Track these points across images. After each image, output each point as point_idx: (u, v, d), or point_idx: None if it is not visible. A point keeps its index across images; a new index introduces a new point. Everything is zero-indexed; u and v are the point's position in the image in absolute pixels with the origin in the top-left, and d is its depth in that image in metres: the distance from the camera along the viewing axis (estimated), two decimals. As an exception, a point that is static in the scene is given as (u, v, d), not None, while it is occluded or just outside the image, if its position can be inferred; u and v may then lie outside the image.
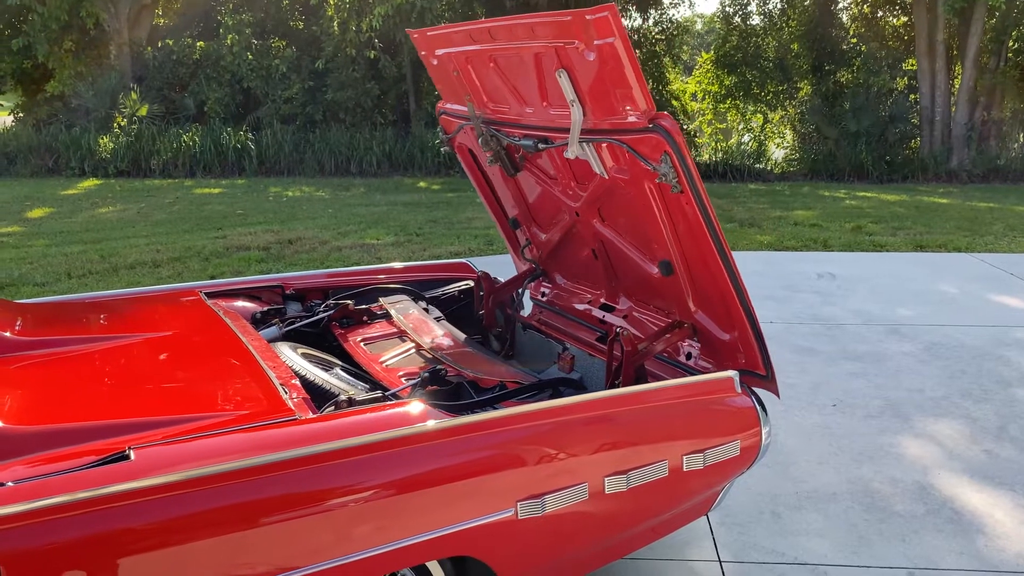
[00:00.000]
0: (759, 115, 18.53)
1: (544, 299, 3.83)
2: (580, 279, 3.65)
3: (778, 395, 2.79)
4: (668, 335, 2.96)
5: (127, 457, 1.89)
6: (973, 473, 3.66)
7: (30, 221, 10.06)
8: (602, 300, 3.47)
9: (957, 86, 15.85)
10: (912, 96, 16.65)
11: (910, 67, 16.85)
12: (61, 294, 5.47)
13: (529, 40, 2.58)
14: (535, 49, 2.58)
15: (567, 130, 2.67)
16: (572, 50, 2.43)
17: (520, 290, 3.88)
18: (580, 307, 3.59)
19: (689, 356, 2.98)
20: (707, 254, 2.60)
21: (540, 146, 2.88)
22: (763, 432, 2.63)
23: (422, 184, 13.88)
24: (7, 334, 2.59)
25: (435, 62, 3.21)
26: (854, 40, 17.67)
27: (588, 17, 2.28)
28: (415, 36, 3.16)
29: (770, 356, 2.71)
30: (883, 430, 4.08)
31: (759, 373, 2.74)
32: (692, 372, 2.95)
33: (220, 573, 1.84)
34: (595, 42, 2.32)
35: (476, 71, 3.03)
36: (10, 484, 1.78)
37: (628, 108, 2.44)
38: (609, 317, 3.39)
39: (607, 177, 2.79)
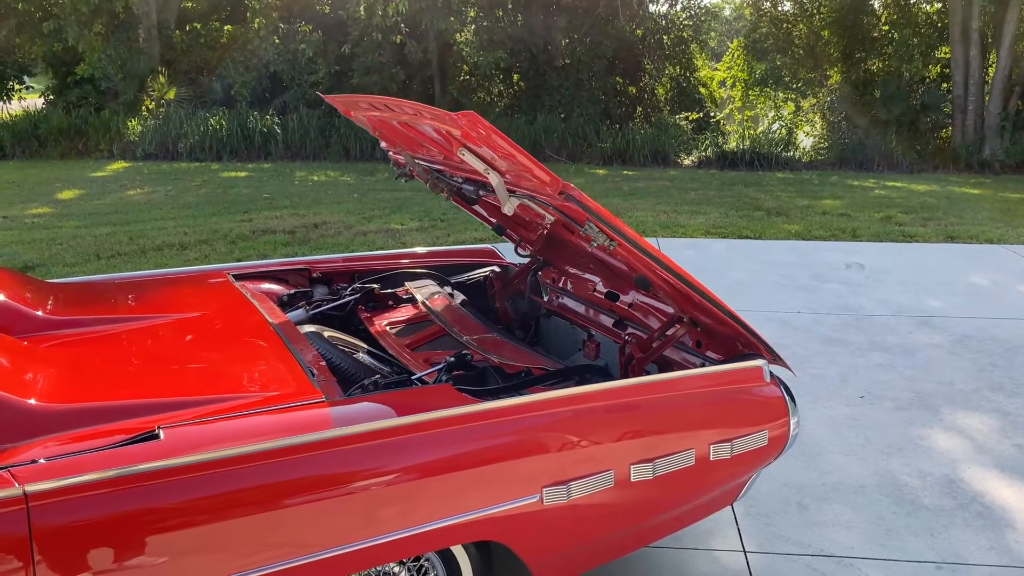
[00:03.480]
0: (790, 103, 18.30)
1: (558, 284, 3.82)
2: (581, 269, 3.64)
3: (791, 370, 2.78)
4: (672, 330, 2.96)
5: (156, 436, 1.91)
6: (1004, 468, 3.60)
7: (60, 202, 10.19)
8: (606, 289, 3.46)
9: (991, 75, 15.54)
10: (945, 84, 16.34)
11: (943, 55, 16.54)
12: (91, 274, 5.53)
13: (422, 118, 2.61)
14: (432, 125, 2.60)
15: None
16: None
17: (528, 279, 3.87)
18: (590, 293, 3.58)
19: (699, 344, 2.97)
20: (663, 275, 2.60)
21: (480, 193, 2.87)
22: (791, 422, 2.60)
23: (447, 170, 13.86)
24: (38, 313, 2.62)
25: (355, 120, 3.30)
26: (886, 27, 17.36)
27: (457, 128, 2.33)
28: (329, 100, 3.26)
29: (765, 340, 2.69)
30: (912, 422, 4.02)
31: (764, 358, 2.73)
32: (703, 359, 2.93)
33: (246, 553, 1.85)
34: (473, 133, 2.35)
35: (394, 131, 3.07)
36: (42, 461, 1.80)
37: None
38: (616, 306, 3.38)
39: (552, 219, 2.81)
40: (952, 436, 3.90)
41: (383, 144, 3.54)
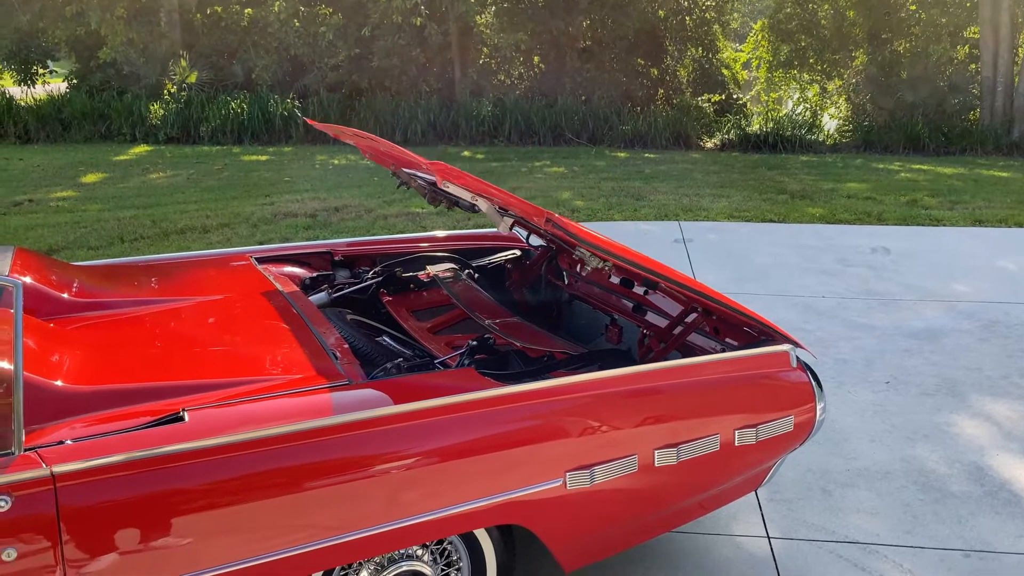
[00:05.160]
0: (815, 85, 18.05)
1: (576, 269, 3.79)
2: None
3: (812, 354, 2.76)
4: (692, 318, 2.94)
5: (181, 418, 1.92)
6: (1033, 455, 3.55)
7: (84, 186, 10.26)
8: (620, 277, 3.43)
9: (1021, 55, 15.23)
10: (973, 66, 16.05)
11: (972, 35, 16.23)
12: (114, 257, 5.57)
13: (399, 153, 2.64)
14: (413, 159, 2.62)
15: None
16: None
17: (546, 264, 3.84)
18: (606, 279, 3.55)
19: (717, 331, 2.94)
20: (663, 283, 2.60)
21: (476, 208, 2.88)
22: (818, 408, 2.57)
23: (466, 153, 13.83)
24: (64, 296, 2.63)
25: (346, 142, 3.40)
26: (913, 7, 17.05)
27: (429, 167, 2.38)
28: (318, 127, 3.38)
29: (779, 328, 2.66)
30: (939, 409, 3.97)
31: (787, 343, 2.70)
32: (723, 344, 2.91)
33: (270, 535, 1.86)
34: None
35: (383, 153, 3.14)
36: (69, 442, 1.81)
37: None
38: (632, 293, 3.35)
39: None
40: (980, 423, 3.84)
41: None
